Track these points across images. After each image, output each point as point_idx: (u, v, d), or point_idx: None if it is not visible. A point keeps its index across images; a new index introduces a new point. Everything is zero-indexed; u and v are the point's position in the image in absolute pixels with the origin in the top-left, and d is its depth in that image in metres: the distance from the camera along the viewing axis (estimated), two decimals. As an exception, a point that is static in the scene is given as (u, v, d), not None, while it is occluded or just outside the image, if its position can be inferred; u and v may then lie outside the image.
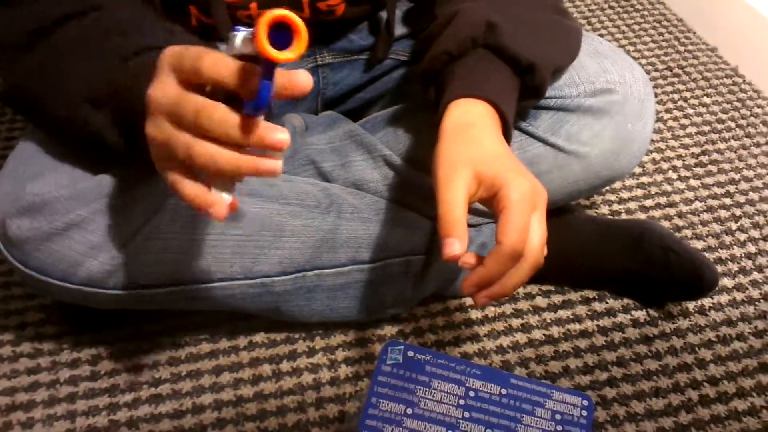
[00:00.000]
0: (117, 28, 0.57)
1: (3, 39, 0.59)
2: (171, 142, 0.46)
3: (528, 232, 0.52)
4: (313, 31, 0.74)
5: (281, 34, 0.40)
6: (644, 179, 0.98)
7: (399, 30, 0.78)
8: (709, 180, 0.98)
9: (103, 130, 0.56)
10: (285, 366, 0.75)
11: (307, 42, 0.40)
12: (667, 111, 1.10)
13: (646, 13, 1.30)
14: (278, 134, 0.44)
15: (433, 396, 0.54)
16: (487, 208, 0.55)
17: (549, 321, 0.81)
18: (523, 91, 0.62)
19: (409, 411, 0.53)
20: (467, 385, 0.55)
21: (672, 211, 0.94)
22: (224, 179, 0.49)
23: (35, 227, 0.61)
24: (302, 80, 0.43)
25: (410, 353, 0.56)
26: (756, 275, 0.86)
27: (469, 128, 0.56)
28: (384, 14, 0.75)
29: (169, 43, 0.50)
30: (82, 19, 0.57)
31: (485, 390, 0.56)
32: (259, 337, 0.78)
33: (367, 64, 0.79)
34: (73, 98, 0.56)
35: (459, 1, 0.64)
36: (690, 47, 1.22)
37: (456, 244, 0.51)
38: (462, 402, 0.55)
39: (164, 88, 0.46)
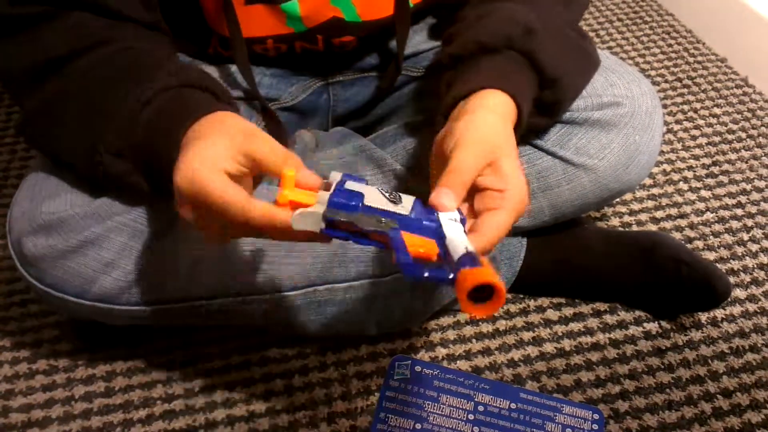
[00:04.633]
0: (129, 66, 0.58)
1: (10, 72, 0.60)
2: (204, 229, 0.50)
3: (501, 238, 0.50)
4: (326, 62, 0.76)
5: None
6: (655, 191, 0.98)
7: (412, 47, 0.78)
8: (720, 191, 0.98)
9: (125, 177, 0.57)
10: (297, 381, 0.76)
11: (503, 301, 0.41)
12: (678, 122, 1.10)
13: (655, 24, 1.31)
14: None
15: (442, 411, 0.55)
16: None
17: (560, 334, 0.81)
18: (539, 104, 0.62)
19: (418, 426, 0.54)
20: (476, 399, 0.56)
21: (683, 223, 0.94)
22: None
23: (51, 245, 0.62)
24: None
25: (418, 368, 0.56)
26: (769, 286, 0.86)
27: (493, 114, 0.55)
28: (394, 45, 0.75)
29: (183, 79, 0.52)
30: (92, 55, 0.58)
31: (494, 404, 0.56)
32: (271, 352, 0.78)
33: (375, 84, 0.80)
34: (89, 148, 0.57)
35: (495, 2, 0.64)
36: (699, 58, 1.22)
37: (451, 195, 0.48)
38: (471, 417, 0.55)
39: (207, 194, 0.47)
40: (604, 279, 0.82)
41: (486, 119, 0.54)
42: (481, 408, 0.55)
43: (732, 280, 0.86)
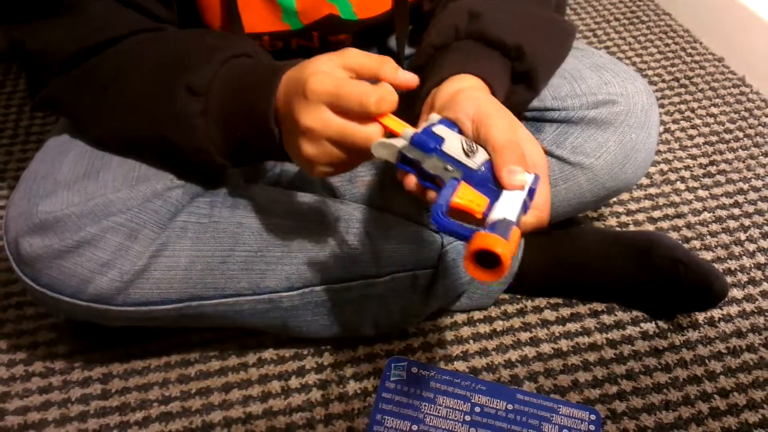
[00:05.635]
0: (193, 36, 0.62)
1: (45, 53, 0.62)
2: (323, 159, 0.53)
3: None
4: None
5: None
6: (652, 190, 0.98)
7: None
8: (717, 190, 0.98)
9: (192, 117, 0.58)
10: (294, 382, 0.76)
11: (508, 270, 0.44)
12: (675, 122, 1.10)
13: (652, 24, 1.31)
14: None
15: (439, 412, 0.55)
16: None
17: (558, 334, 0.81)
18: (516, 78, 0.62)
19: (415, 427, 0.54)
20: (473, 400, 0.55)
21: (680, 222, 0.94)
22: None
23: (47, 245, 0.62)
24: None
25: (414, 369, 0.56)
26: (766, 286, 0.86)
27: (478, 90, 0.56)
28: (393, 42, 0.75)
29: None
30: (150, 33, 0.62)
31: (491, 406, 0.56)
32: (268, 354, 0.78)
33: None
34: (170, 82, 0.58)
35: (450, 2, 0.65)
36: (697, 57, 1.22)
37: (518, 170, 0.48)
38: (468, 418, 0.55)
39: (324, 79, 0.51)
40: (601, 279, 0.82)
41: (478, 94, 0.54)
42: (477, 409, 0.55)
43: (729, 279, 0.86)
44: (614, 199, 0.95)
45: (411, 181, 0.51)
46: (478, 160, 0.48)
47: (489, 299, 0.82)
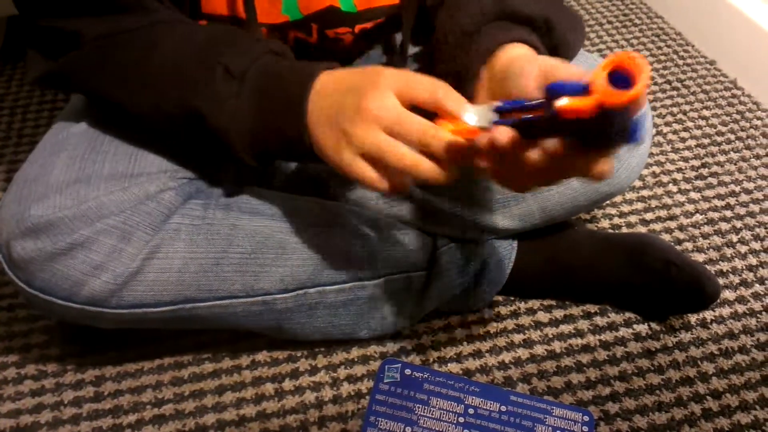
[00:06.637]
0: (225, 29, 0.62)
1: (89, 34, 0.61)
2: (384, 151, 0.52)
3: None
4: (318, 56, 0.75)
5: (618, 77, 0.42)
6: (644, 193, 0.98)
7: (381, 58, 0.78)
8: (709, 192, 0.99)
9: (227, 99, 0.58)
10: (287, 385, 0.76)
11: (648, 74, 0.42)
12: (667, 124, 1.10)
13: (644, 27, 1.31)
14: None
15: (432, 414, 0.55)
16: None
17: (551, 336, 0.81)
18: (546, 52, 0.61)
19: (408, 429, 0.54)
20: (466, 402, 0.56)
21: (673, 224, 0.94)
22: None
23: (39, 248, 0.62)
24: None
25: (408, 371, 0.56)
26: (758, 287, 0.86)
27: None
28: (399, 36, 0.75)
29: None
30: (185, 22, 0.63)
31: (485, 407, 0.56)
32: (262, 356, 0.78)
33: None
34: (210, 61, 0.58)
35: None
36: (689, 60, 1.23)
37: (574, 67, 0.49)
38: (461, 420, 0.55)
39: (385, 103, 0.52)
40: (594, 281, 0.82)
41: (533, 56, 0.55)
42: (471, 411, 0.55)
43: (721, 281, 0.86)
44: (607, 201, 0.95)
45: (506, 135, 0.48)
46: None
47: (483, 301, 0.82)
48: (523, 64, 0.53)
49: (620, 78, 0.42)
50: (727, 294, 0.86)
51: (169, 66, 0.60)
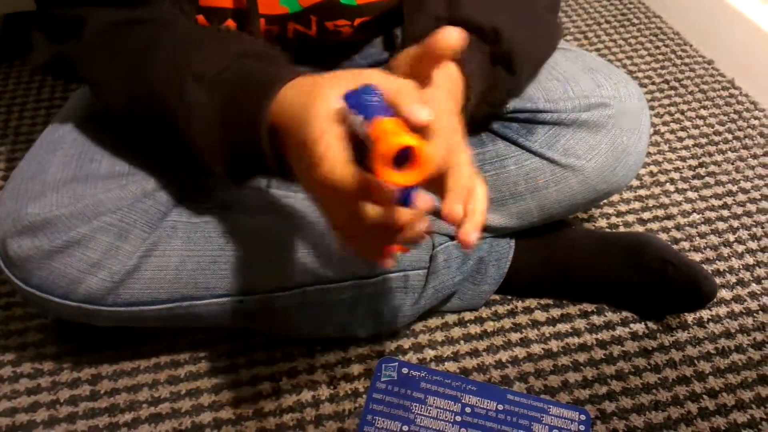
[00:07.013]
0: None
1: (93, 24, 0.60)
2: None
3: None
4: (317, 51, 0.75)
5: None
6: (642, 192, 0.99)
7: (370, 58, 0.78)
8: (706, 192, 0.99)
9: (198, 109, 0.55)
10: (284, 383, 0.75)
11: (428, 168, 0.40)
12: (665, 124, 1.10)
13: (642, 27, 1.31)
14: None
15: (429, 413, 0.55)
16: None
17: (548, 335, 0.81)
18: (495, 61, 0.60)
19: (405, 428, 0.54)
20: (463, 401, 0.56)
21: (670, 224, 0.94)
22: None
23: (36, 246, 0.62)
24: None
25: (405, 370, 0.56)
26: (754, 287, 0.86)
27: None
28: (381, 47, 0.75)
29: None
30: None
31: (481, 406, 0.56)
32: (258, 355, 0.78)
33: None
34: (179, 70, 0.56)
35: None
36: (687, 60, 1.23)
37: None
38: (458, 418, 0.55)
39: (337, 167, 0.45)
40: (591, 279, 0.82)
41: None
42: (468, 409, 0.55)
43: (718, 280, 0.86)
44: (604, 200, 0.95)
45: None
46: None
47: (480, 300, 0.82)
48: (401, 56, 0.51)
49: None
50: (724, 293, 0.86)
51: (155, 72, 0.59)
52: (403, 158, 0.40)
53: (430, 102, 0.48)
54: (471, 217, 0.50)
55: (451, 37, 0.47)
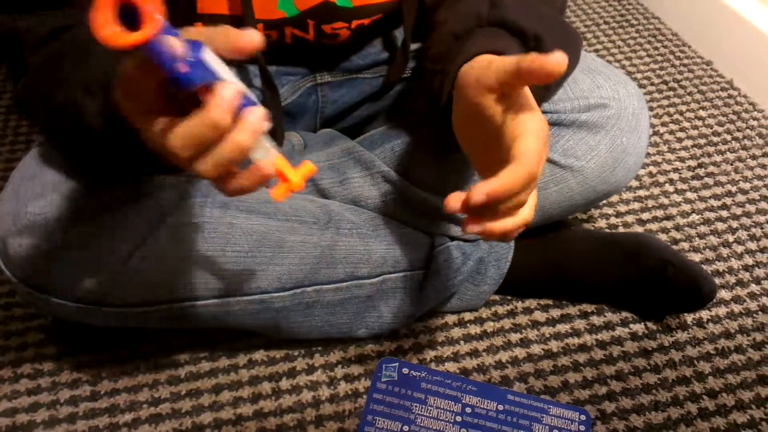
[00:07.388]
0: None
1: (30, 37, 0.59)
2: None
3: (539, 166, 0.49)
4: (316, 56, 0.75)
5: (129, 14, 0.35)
6: (641, 192, 0.99)
7: (368, 58, 0.77)
8: (705, 192, 0.99)
9: (91, 118, 0.54)
10: (284, 384, 0.75)
11: (156, 22, 0.36)
12: (663, 124, 1.10)
13: (641, 28, 1.31)
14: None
15: (430, 413, 0.55)
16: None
17: (548, 335, 0.81)
18: None
19: (406, 428, 0.54)
20: (463, 401, 0.56)
21: (669, 224, 0.94)
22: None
23: (36, 245, 0.62)
24: (248, 40, 0.43)
25: (405, 370, 0.56)
26: (754, 287, 0.87)
27: None
28: (399, 34, 0.74)
29: None
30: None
31: (482, 406, 0.56)
32: (259, 355, 0.78)
33: (363, 86, 0.79)
34: (71, 84, 0.55)
35: None
36: (685, 61, 1.23)
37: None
38: (459, 419, 0.55)
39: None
40: (590, 280, 0.82)
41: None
42: (468, 410, 0.55)
43: (717, 281, 0.87)
44: (604, 201, 0.95)
45: None
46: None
47: (480, 300, 0.82)
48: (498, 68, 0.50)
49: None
50: (724, 294, 0.86)
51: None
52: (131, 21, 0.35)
53: (534, 120, 0.48)
54: (504, 219, 0.50)
55: (562, 63, 0.45)
